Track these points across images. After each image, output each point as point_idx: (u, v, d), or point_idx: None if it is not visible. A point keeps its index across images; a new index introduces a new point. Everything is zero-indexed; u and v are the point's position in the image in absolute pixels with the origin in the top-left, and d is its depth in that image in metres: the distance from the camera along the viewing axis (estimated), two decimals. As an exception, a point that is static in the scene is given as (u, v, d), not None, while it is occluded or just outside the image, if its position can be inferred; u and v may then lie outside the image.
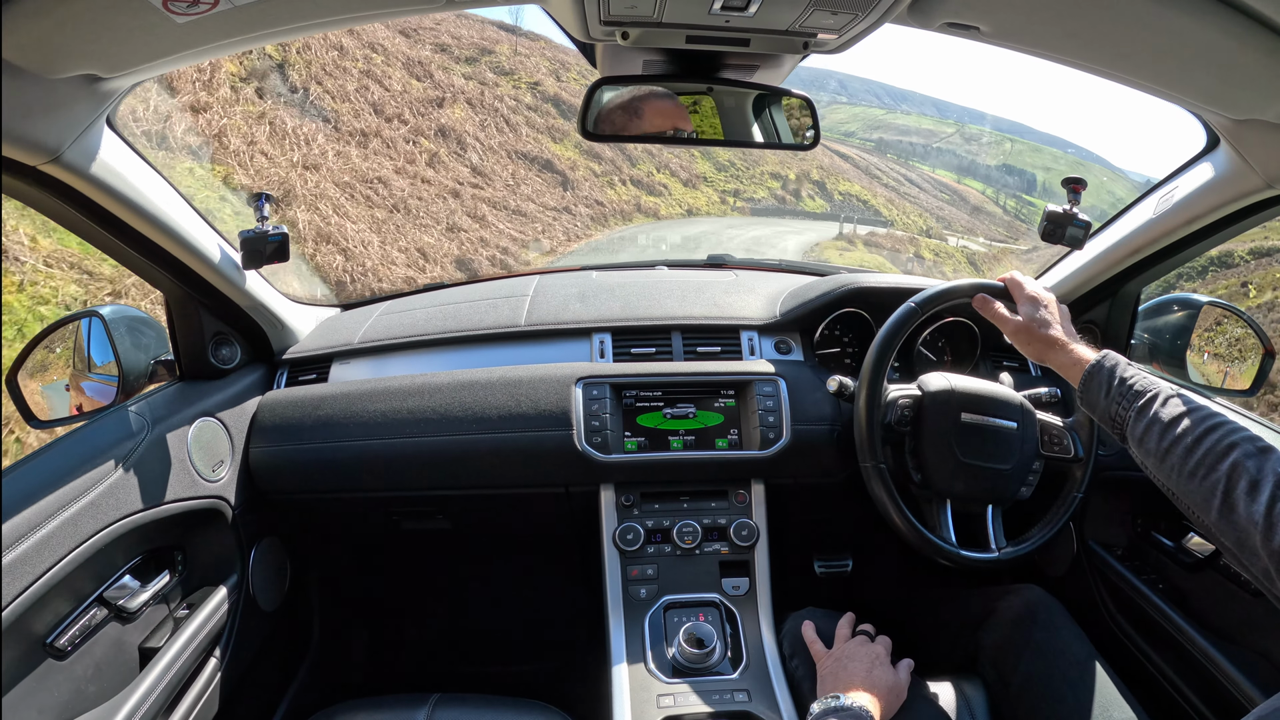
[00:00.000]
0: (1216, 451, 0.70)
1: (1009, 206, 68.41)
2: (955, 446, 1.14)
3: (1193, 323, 1.30)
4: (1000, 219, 57.65)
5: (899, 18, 0.78)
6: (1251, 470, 0.66)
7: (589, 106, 0.99)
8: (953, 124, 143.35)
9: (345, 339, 1.47)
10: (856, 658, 1.00)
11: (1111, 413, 0.83)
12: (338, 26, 0.77)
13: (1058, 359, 0.95)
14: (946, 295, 1.14)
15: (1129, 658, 1.26)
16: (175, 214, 1.07)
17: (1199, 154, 1.06)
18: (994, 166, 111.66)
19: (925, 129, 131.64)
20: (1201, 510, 0.71)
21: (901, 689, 0.98)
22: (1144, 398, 0.80)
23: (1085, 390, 0.89)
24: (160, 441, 1.11)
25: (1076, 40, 0.79)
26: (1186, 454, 0.72)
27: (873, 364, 1.14)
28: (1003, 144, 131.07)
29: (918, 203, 42.35)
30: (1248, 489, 0.66)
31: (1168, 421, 0.76)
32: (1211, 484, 0.69)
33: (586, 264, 1.85)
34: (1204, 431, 0.73)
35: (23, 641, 0.88)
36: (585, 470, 1.28)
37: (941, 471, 1.15)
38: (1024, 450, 1.16)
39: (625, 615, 1.20)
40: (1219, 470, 0.68)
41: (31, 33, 0.64)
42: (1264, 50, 0.68)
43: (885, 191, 39.35)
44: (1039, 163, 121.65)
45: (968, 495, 1.16)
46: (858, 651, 1.01)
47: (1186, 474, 0.72)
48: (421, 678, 1.80)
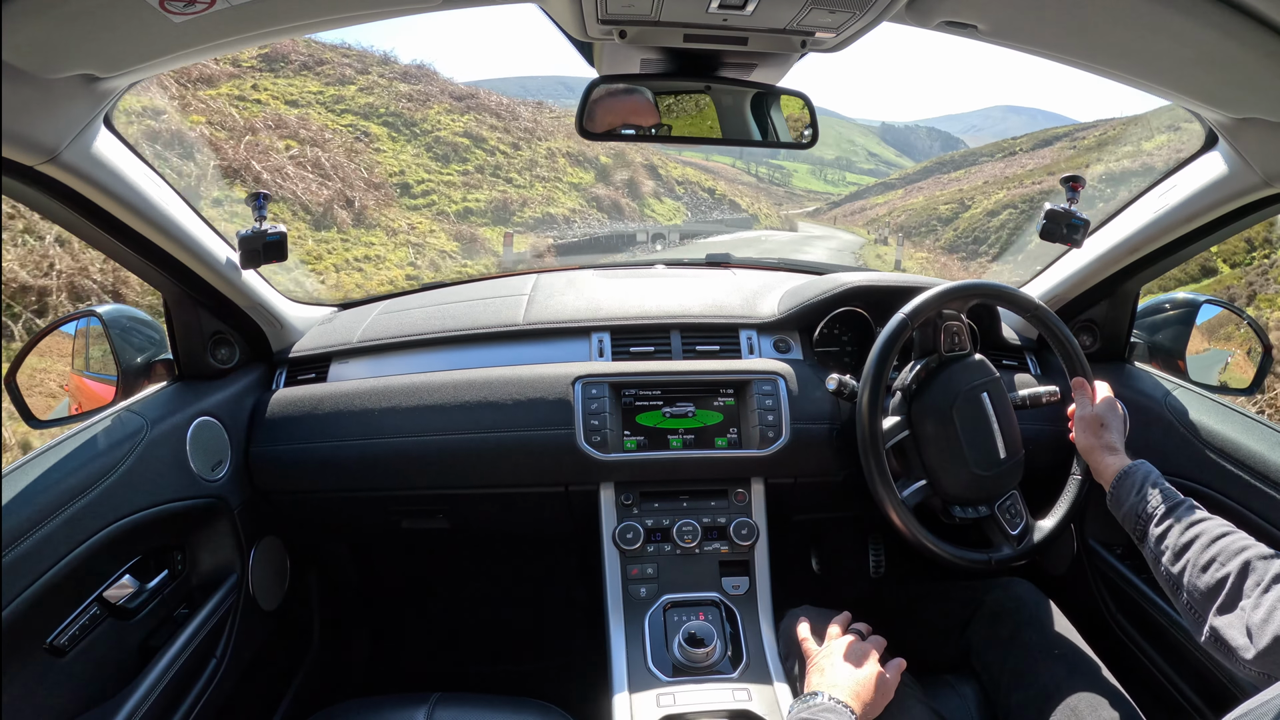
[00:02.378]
0: (1230, 550, 0.79)
1: (761, 174, 68.76)
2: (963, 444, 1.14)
3: (1191, 321, 1.31)
4: (757, 186, 57.86)
5: (897, 16, 0.78)
6: (1260, 570, 0.75)
7: (586, 105, 0.99)
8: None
9: (344, 338, 1.47)
10: (843, 655, 0.99)
11: (1138, 510, 0.92)
12: (333, 26, 0.77)
13: (1102, 458, 1.03)
14: (935, 302, 1.14)
15: (1129, 656, 1.26)
16: (174, 213, 1.07)
17: (1198, 152, 1.06)
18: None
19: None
20: (1207, 599, 0.79)
21: (888, 688, 0.97)
22: (1171, 501, 0.90)
23: (1117, 488, 0.98)
24: (159, 441, 1.11)
25: (1075, 39, 0.79)
26: (1202, 550, 0.81)
27: (872, 376, 1.13)
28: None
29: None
30: (1253, 586, 0.75)
31: (1188, 524, 0.85)
32: (1224, 575, 0.77)
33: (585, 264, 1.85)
34: (1220, 534, 0.82)
35: (23, 641, 0.88)
36: (584, 469, 1.28)
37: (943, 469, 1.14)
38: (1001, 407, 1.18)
39: (625, 614, 1.20)
40: (1231, 564, 0.77)
41: (29, 32, 0.64)
42: (1262, 49, 0.68)
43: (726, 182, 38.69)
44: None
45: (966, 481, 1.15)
46: (845, 649, 1.00)
47: (1200, 566, 0.80)
48: (421, 677, 1.80)
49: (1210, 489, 1.12)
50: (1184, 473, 1.16)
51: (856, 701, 0.91)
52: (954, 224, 23.96)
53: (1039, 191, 22.33)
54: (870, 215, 32.97)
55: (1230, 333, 1.32)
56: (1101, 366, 1.37)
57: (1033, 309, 1.18)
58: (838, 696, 0.91)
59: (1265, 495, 1.04)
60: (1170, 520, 0.88)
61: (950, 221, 24.27)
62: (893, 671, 0.99)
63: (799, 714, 0.90)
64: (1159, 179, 1.16)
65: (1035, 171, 26.44)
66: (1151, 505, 0.91)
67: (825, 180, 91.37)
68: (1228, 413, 1.18)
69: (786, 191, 64.38)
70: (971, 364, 1.19)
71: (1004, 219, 22.03)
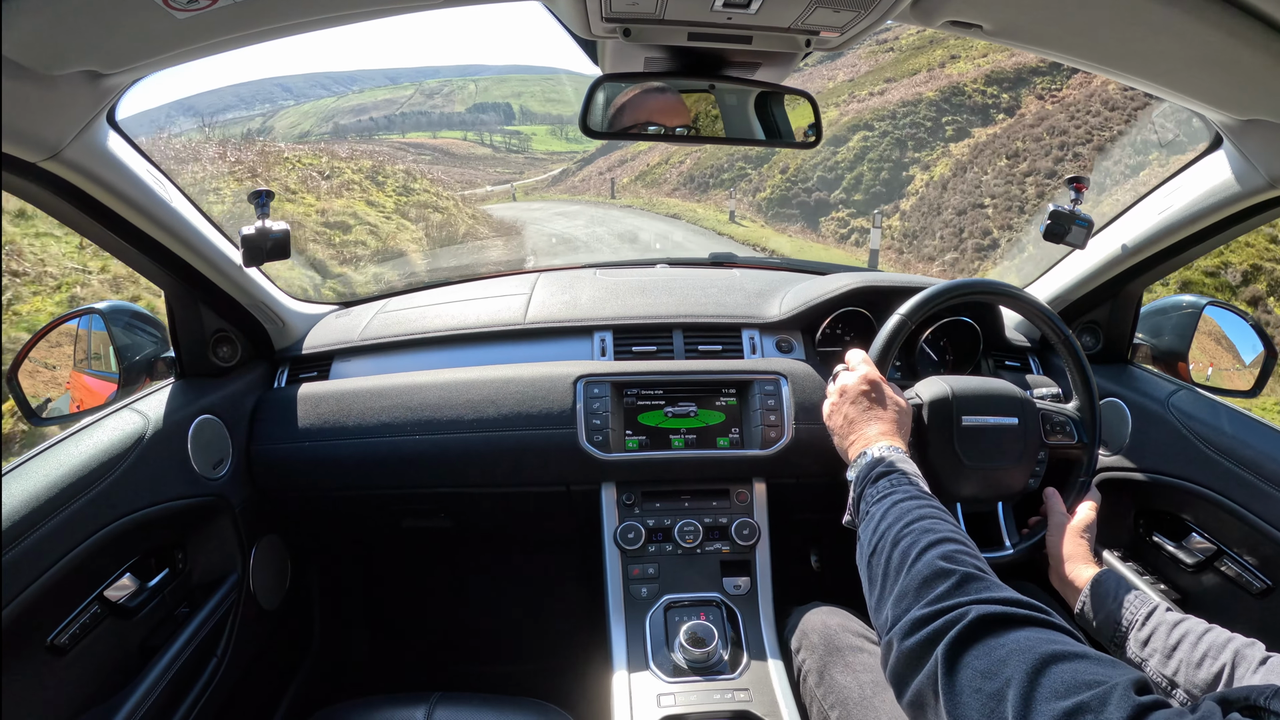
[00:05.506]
0: (1218, 645, 0.81)
1: (498, 143, 67.57)
2: (960, 452, 1.12)
3: (1194, 324, 1.30)
4: (494, 158, 55.85)
5: (901, 15, 0.78)
6: (1249, 654, 0.78)
7: (590, 104, 0.99)
8: (409, 85, 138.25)
9: (346, 337, 1.46)
10: (856, 401, 1.02)
11: (1116, 618, 0.93)
12: (336, 24, 0.77)
13: (1075, 567, 1.02)
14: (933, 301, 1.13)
15: None
16: (176, 210, 1.07)
17: (1203, 154, 1.06)
18: (465, 111, 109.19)
19: (383, 100, 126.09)
20: (1205, 692, 0.80)
21: (905, 406, 1.02)
22: (1149, 604, 0.91)
23: (1091, 596, 0.97)
24: (160, 439, 1.10)
25: (1080, 39, 0.78)
26: (1193, 647, 0.83)
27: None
28: (466, 87, 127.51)
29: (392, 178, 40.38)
30: (1245, 672, 0.77)
31: (1174, 624, 0.87)
32: (1220, 667, 0.79)
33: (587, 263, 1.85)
34: (1205, 630, 0.84)
35: (23, 641, 0.88)
36: (586, 469, 1.28)
37: (949, 477, 1.13)
38: (1028, 444, 1.15)
39: (626, 614, 1.20)
40: (1224, 655, 0.79)
41: (31, 29, 0.64)
42: (1268, 50, 0.68)
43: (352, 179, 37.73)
44: (507, 91, 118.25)
45: (976, 497, 1.15)
46: (855, 396, 1.03)
47: (1194, 664, 0.82)
48: (421, 677, 1.80)
49: (1213, 490, 1.12)
50: (1187, 475, 1.16)
51: (893, 437, 0.96)
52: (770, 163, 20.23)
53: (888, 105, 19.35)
54: (638, 168, 27.80)
55: (1233, 335, 1.31)
56: (1104, 368, 1.37)
57: (1035, 309, 1.17)
58: (880, 446, 0.94)
59: (1269, 496, 1.04)
60: (1154, 622, 0.89)
61: (760, 160, 20.79)
62: (890, 388, 1.04)
63: (878, 470, 0.90)
64: (1164, 180, 1.16)
65: (862, 82, 22.79)
66: (1131, 612, 0.92)
67: (568, 139, 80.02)
68: (1231, 414, 1.18)
69: (527, 158, 59.08)
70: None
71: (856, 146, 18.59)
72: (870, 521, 0.83)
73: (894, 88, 21.23)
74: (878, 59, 25.00)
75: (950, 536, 0.72)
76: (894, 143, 18.48)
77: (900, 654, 0.64)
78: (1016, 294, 1.17)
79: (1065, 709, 0.49)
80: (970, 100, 18.93)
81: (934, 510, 0.79)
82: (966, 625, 0.59)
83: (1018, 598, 0.63)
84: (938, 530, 0.74)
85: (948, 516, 0.79)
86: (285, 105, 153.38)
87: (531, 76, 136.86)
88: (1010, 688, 0.52)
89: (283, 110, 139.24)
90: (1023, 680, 0.52)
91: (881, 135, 18.79)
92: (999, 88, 18.99)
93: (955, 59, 21.22)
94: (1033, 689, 0.51)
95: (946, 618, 0.61)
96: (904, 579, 0.70)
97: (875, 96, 21.10)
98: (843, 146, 18.89)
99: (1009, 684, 0.52)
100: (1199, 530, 1.16)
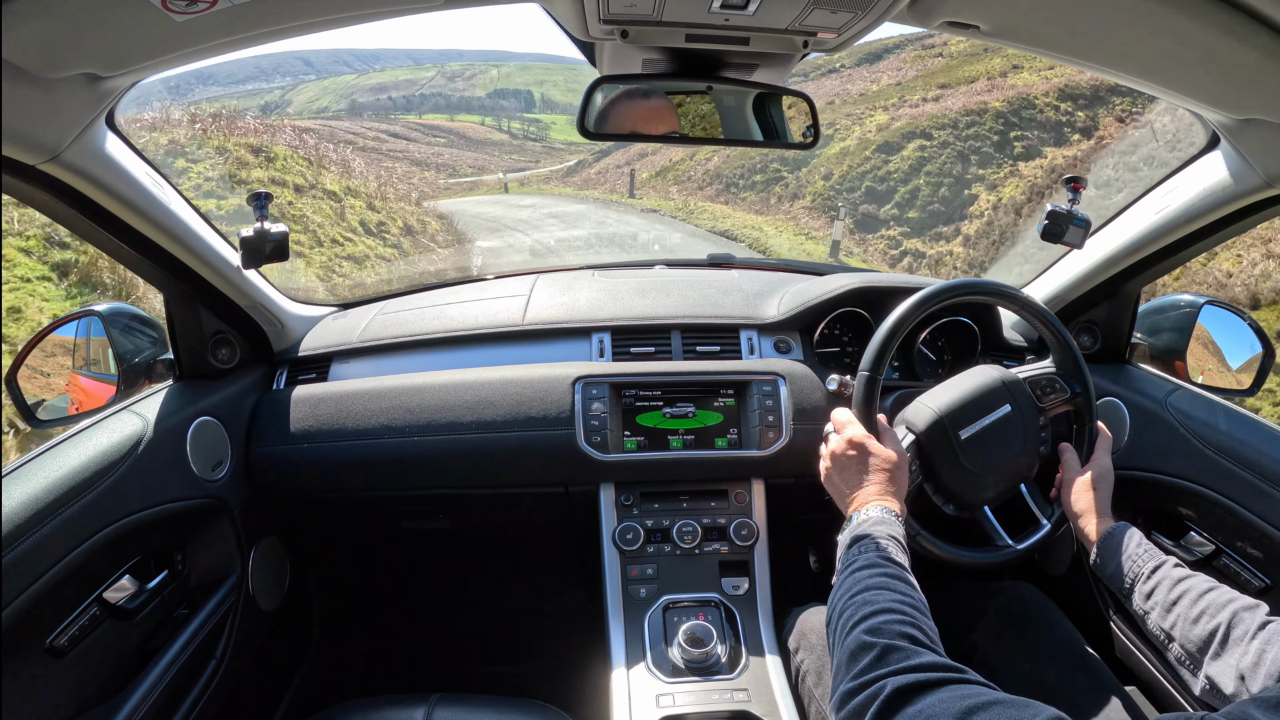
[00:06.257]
0: (1217, 604, 0.83)
1: (514, 129, 66.17)
2: (968, 465, 1.10)
3: (1192, 323, 1.30)
4: (510, 144, 54.66)
5: (899, 16, 0.78)
6: (1247, 618, 0.80)
7: (588, 106, 0.99)
8: (431, 67, 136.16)
9: (344, 338, 1.46)
10: (846, 467, 1.02)
11: (1126, 568, 0.96)
12: (336, 26, 0.77)
13: (1089, 522, 1.05)
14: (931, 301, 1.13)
15: (1129, 657, 1.26)
16: (175, 213, 1.07)
17: (1200, 153, 1.06)
18: (485, 96, 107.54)
19: (404, 80, 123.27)
20: (1199, 650, 0.83)
21: (893, 458, 1.01)
22: (1156, 560, 0.94)
23: (1102, 549, 1.00)
24: (159, 441, 1.10)
25: (1077, 39, 0.79)
26: (1192, 604, 0.85)
27: (867, 375, 1.11)
28: (488, 72, 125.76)
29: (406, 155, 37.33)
30: (1241, 635, 0.79)
31: (1177, 580, 0.89)
32: (1215, 626, 0.81)
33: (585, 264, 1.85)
34: (1207, 589, 0.86)
35: (23, 642, 0.88)
36: (585, 469, 1.28)
37: (966, 491, 1.12)
38: (1027, 424, 1.14)
39: (625, 615, 1.20)
40: (1221, 615, 0.82)
41: (30, 31, 0.64)
42: (1264, 50, 0.68)
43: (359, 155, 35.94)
44: (530, 79, 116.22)
45: (999, 495, 1.14)
46: (844, 462, 1.03)
47: (1191, 619, 0.84)
48: (421, 677, 1.80)
49: (1212, 490, 1.12)
50: (1185, 474, 1.16)
51: (886, 499, 0.96)
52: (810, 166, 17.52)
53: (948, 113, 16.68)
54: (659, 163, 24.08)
55: (1231, 334, 1.32)
56: (1102, 367, 1.37)
57: (1031, 309, 1.17)
58: (871, 509, 0.94)
59: (1268, 496, 1.04)
60: (1158, 577, 0.91)
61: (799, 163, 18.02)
62: (887, 440, 1.04)
63: (854, 534, 0.91)
64: (1161, 180, 1.16)
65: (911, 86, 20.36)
66: (1139, 564, 0.94)
67: None
68: (1229, 413, 1.18)
69: (544, 147, 57.17)
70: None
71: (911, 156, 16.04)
72: (834, 590, 0.86)
73: (951, 95, 18.94)
74: (925, 64, 22.89)
75: (886, 607, 0.74)
76: (955, 155, 16.07)
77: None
78: (1012, 294, 1.17)
79: None
80: (1041, 115, 16.64)
81: (883, 579, 0.80)
82: (884, 700, 0.62)
83: (933, 661, 0.65)
84: (875, 601, 0.76)
85: (897, 583, 0.80)
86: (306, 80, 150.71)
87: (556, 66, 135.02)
88: None
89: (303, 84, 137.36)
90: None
91: (941, 146, 16.40)
92: (1073, 104, 16.63)
93: (1018, 69, 18.92)
94: None
95: (867, 693, 0.64)
96: (838, 652, 0.73)
97: (930, 103, 18.79)
98: (896, 155, 16.55)
99: None
100: (1198, 529, 1.16)
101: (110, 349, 1.17)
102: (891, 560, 0.84)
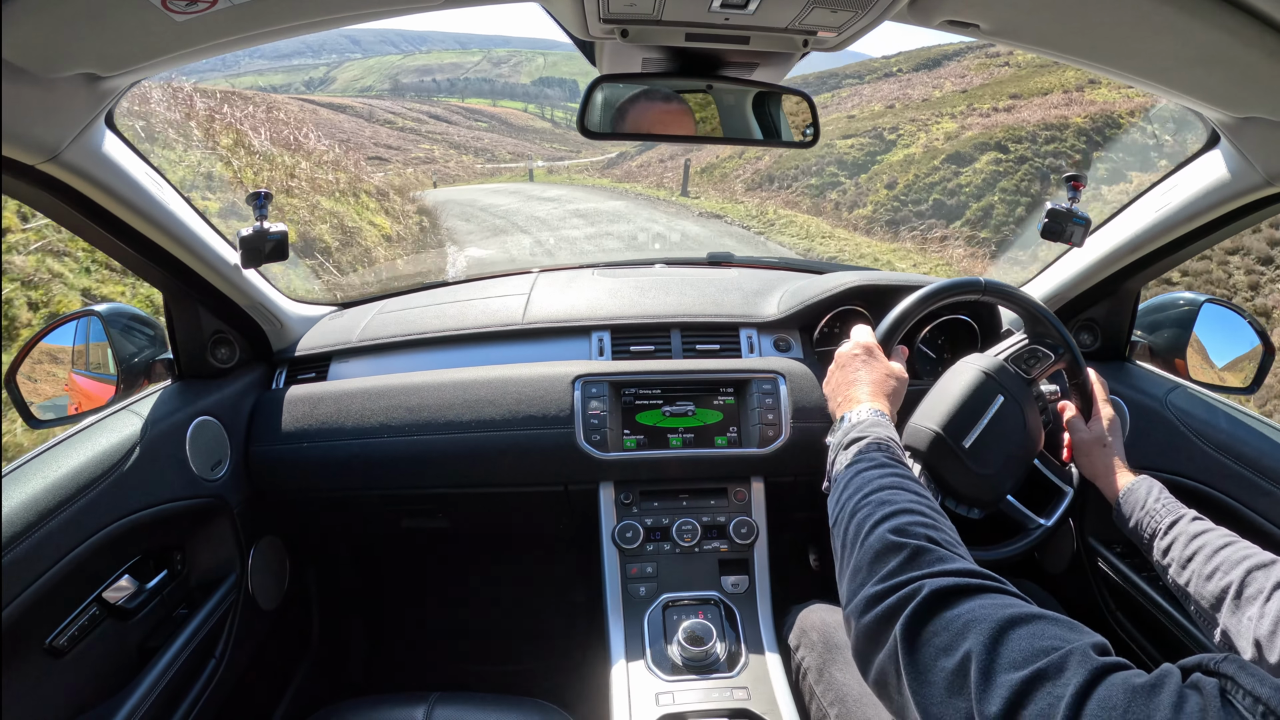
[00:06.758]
0: (1231, 560, 0.82)
1: (558, 118, 65.39)
2: (978, 471, 1.08)
3: (1192, 320, 1.30)
4: (552, 133, 54.15)
5: (899, 15, 0.78)
6: (1260, 578, 0.78)
7: (588, 104, 0.99)
8: (477, 52, 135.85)
9: (344, 337, 1.46)
10: (847, 366, 1.02)
11: (1144, 523, 0.95)
12: (335, 25, 0.77)
13: (1108, 478, 1.03)
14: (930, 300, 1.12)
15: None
16: (174, 213, 1.07)
17: (1200, 151, 1.06)
18: (530, 83, 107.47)
19: (449, 63, 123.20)
20: (1213, 607, 0.82)
21: (899, 373, 1.01)
22: (1175, 515, 0.93)
23: (1122, 503, 0.99)
24: (159, 441, 1.10)
25: (1077, 38, 0.78)
26: (1206, 560, 0.84)
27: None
28: (534, 60, 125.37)
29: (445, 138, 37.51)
30: (1255, 594, 0.78)
31: (1193, 535, 0.88)
32: (1227, 584, 0.80)
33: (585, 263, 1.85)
34: (1223, 545, 0.84)
35: (23, 641, 0.88)
36: (584, 468, 1.28)
37: (985, 492, 1.10)
38: (1023, 402, 1.12)
39: (624, 613, 1.20)
40: (1233, 573, 0.80)
41: (30, 31, 0.64)
42: (1264, 48, 0.68)
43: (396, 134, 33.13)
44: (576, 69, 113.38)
45: (1017, 481, 1.12)
46: (847, 361, 1.03)
47: (1205, 576, 0.83)
48: (421, 676, 1.80)
49: (1212, 488, 1.12)
50: (1185, 472, 1.16)
51: (880, 401, 0.95)
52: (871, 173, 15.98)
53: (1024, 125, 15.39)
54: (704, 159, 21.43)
55: (1231, 332, 1.32)
56: (1102, 365, 1.37)
57: (1030, 307, 1.17)
58: (863, 409, 0.93)
59: (1268, 494, 1.04)
60: (1175, 533, 0.90)
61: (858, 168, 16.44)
62: (897, 357, 1.05)
63: (850, 435, 0.89)
64: (1161, 178, 1.16)
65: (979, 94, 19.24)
66: (1156, 519, 0.93)
67: None
68: (1229, 411, 1.18)
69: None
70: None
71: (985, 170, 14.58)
72: (835, 491, 0.82)
73: (1023, 106, 17.79)
74: (991, 72, 21.80)
75: (907, 507, 0.71)
76: (1034, 173, 14.74)
77: (859, 631, 0.63)
78: (1013, 293, 1.17)
79: (1024, 678, 0.49)
80: (1127, 137, 15.68)
81: (895, 479, 0.77)
82: (921, 601, 0.58)
83: (970, 568, 0.62)
84: (895, 501, 0.72)
85: (910, 484, 0.77)
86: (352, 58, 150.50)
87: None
88: (971, 661, 0.52)
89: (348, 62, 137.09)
90: (981, 652, 0.52)
91: (1018, 161, 15.09)
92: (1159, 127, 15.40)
93: (1094, 84, 17.59)
94: (992, 660, 0.51)
95: (901, 594, 0.60)
96: (858, 553, 0.69)
97: (1001, 113, 17.55)
98: (968, 167, 15.17)
99: (969, 657, 0.52)
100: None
101: (110, 349, 1.17)
102: (898, 460, 0.82)
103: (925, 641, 0.56)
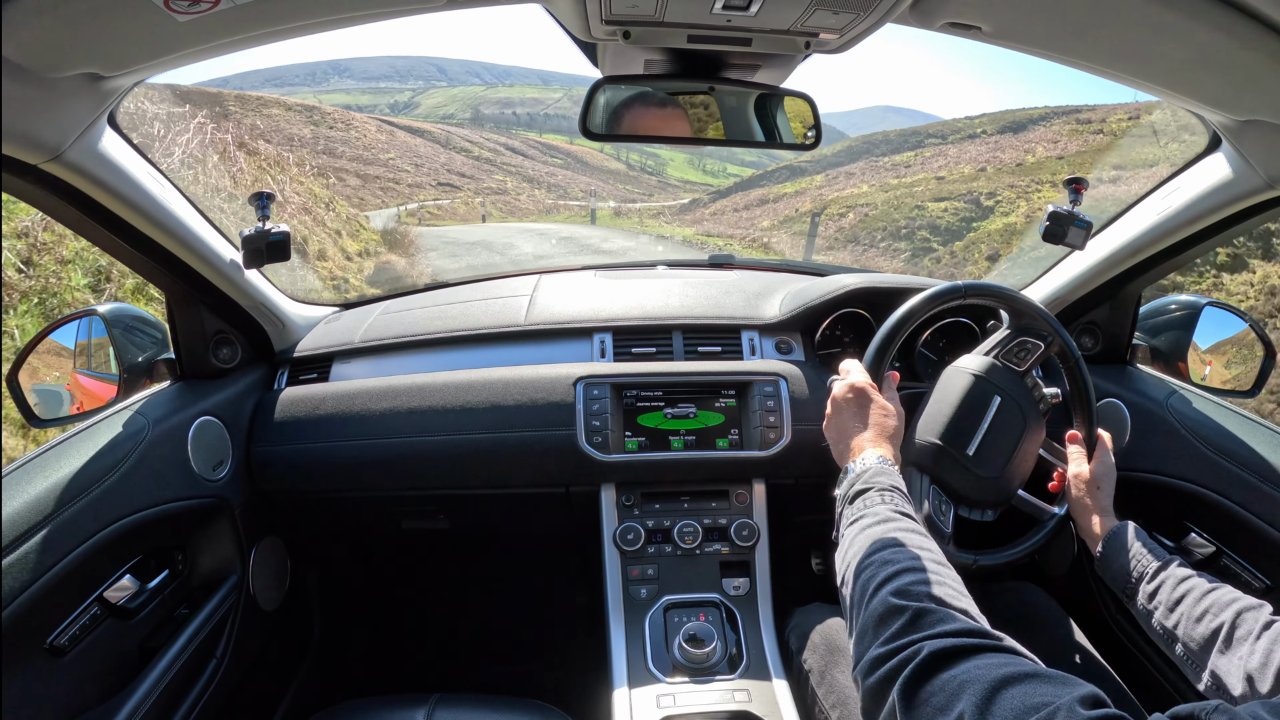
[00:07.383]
0: (1221, 603, 0.84)
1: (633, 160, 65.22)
2: (984, 475, 1.08)
3: (1193, 324, 1.30)
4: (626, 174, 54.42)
5: (900, 17, 0.78)
6: (1250, 619, 0.80)
7: (590, 106, 0.99)
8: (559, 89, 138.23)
9: (346, 338, 1.47)
10: (844, 410, 1.03)
11: (1128, 569, 0.96)
12: (339, 26, 0.77)
13: (1092, 519, 1.05)
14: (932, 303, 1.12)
15: (1130, 658, 1.25)
16: (177, 213, 1.07)
17: (1201, 154, 1.06)
18: None
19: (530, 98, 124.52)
20: (1202, 649, 0.84)
21: (894, 410, 1.01)
22: (1160, 559, 0.94)
23: (1106, 548, 1.00)
24: (161, 441, 1.10)
25: (1079, 40, 0.79)
26: (1196, 602, 0.86)
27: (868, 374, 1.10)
28: None
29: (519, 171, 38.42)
30: (1245, 634, 0.80)
31: (1181, 579, 0.90)
32: (1218, 625, 0.82)
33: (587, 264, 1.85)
34: (1210, 589, 0.87)
35: (23, 641, 0.88)
36: (586, 470, 1.28)
37: (994, 495, 1.09)
38: (1019, 397, 1.11)
39: (625, 615, 1.20)
40: (1224, 615, 0.82)
41: (32, 31, 0.64)
42: (1265, 51, 0.68)
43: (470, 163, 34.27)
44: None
45: (1026, 473, 1.12)
46: (842, 405, 1.03)
47: (1194, 618, 0.85)
48: (421, 677, 1.80)
49: (1212, 491, 1.12)
50: (1186, 475, 1.16)
51: (880, 443, 0.96)
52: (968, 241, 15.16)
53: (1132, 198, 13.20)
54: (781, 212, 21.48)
55: (1232, 335, 1.31)
56: (1103, 368, 1.37)
57: (1011, 301, 1.16)
58: (868, 455, 0.94)
59: (1268, 497, 1.04)
60: (1162, 577, 0.92)
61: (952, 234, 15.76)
62: (888, 390, 1.05)
63: (855, 488, 0.90)
64: (1162, 181, 1.16)
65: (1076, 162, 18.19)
66: (1143, 564, 0.95)
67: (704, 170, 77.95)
68: (1230, 414, 1.18)
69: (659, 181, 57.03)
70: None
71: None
72: (841, 548, 0.83)
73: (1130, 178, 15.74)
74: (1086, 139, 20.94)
75: (909, 566, 0.72)
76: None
77: (864, 692, 0.65)
78: (1013, 296, 1.17)
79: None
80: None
81: (899, 534, 0.78)
82: (919, 663, 0.60)
83: (970, 627, 0.64)
84: (897, 561, 0.74)
85: (913, 538, 0.78)
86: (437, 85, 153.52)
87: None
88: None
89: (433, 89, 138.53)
90: (973, 712, 0.53)
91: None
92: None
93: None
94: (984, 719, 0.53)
95: (901, 656, 0.62)
96: (863, 616, 0.71)
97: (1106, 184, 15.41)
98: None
99: (963, 718, 0.54)
100: (1199, 531, 1.16)
101: (112, 349, 1.17)
102: (901, 513, 0.83)
103: (923, 702, 0.58)
